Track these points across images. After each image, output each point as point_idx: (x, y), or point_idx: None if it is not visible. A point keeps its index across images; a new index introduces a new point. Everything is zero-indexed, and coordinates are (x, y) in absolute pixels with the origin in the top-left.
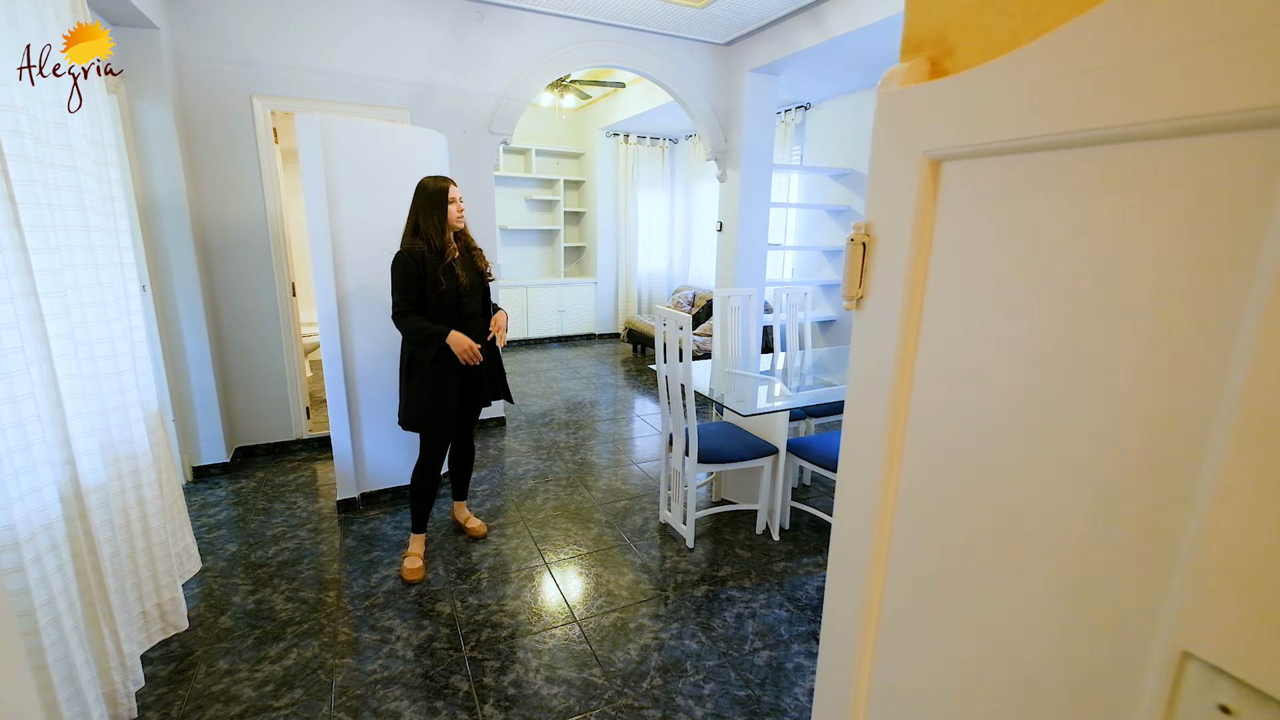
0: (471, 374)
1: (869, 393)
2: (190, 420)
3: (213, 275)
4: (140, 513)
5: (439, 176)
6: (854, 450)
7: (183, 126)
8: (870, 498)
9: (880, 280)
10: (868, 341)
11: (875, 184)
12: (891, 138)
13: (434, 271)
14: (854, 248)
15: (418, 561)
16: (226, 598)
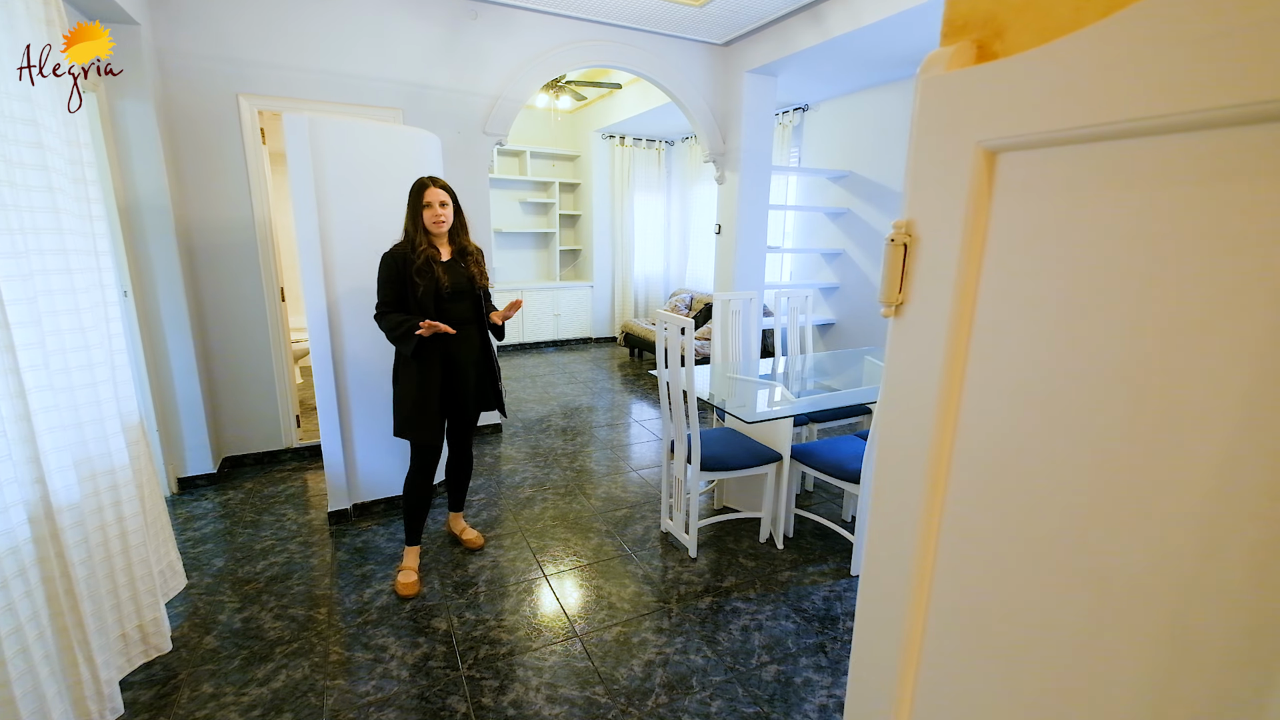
0: (457, 380)
1: (909, 409)
2: (175, 430)
3: (198, 280)
4: (119, 530)
5: (427, 176)
6: (891, 471)
7: (166, 126)
8: (909, 523)
9: (924, 285)
10: (908, 352)
11: (917, 178)
12: (937, 127)
13: (410, 273)
14: (894, 249)
15: (411, 575)
16: (212, 616)
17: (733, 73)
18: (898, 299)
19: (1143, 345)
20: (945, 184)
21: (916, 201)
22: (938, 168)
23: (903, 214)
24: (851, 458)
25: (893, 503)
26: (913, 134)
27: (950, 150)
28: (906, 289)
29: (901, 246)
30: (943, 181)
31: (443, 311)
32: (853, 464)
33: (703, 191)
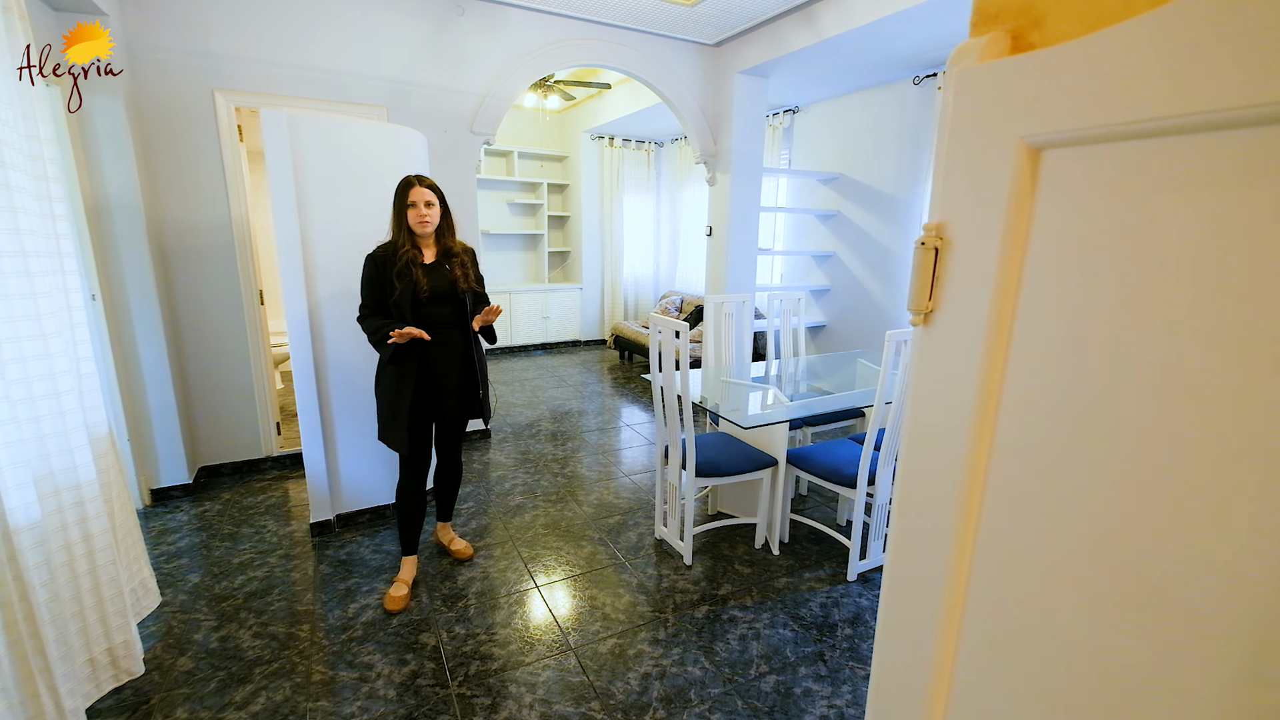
0: (436, 387)
1: (940, 424)
2: (147, 440)
3: (172, 283)
4: (86, 549)
5: (415, 175)
6: (919, 487)
7: (136, 122)
8: (940, 544)
9: (958, 291)
10: (939, 362)
11: (949, 177)
12: (973, 122)
13: (390, 274)
14: (924, 253)
15: (402, 589)
16: (187, 636)
17: (724, 73)
18: (927, 306)
19: (1207, 357)
20: (982, 183)
21: (948, 202)
22: (974, 166)
23: (932, 215)
24: (848, 462)
25: (921, 522)
26: (943, 130)
27: (989, 147)
28: (937, 296)
29: (933, 250)
30: (979, 181)
31: (421, 316)
32: (849, 468)
33: (692, 193)
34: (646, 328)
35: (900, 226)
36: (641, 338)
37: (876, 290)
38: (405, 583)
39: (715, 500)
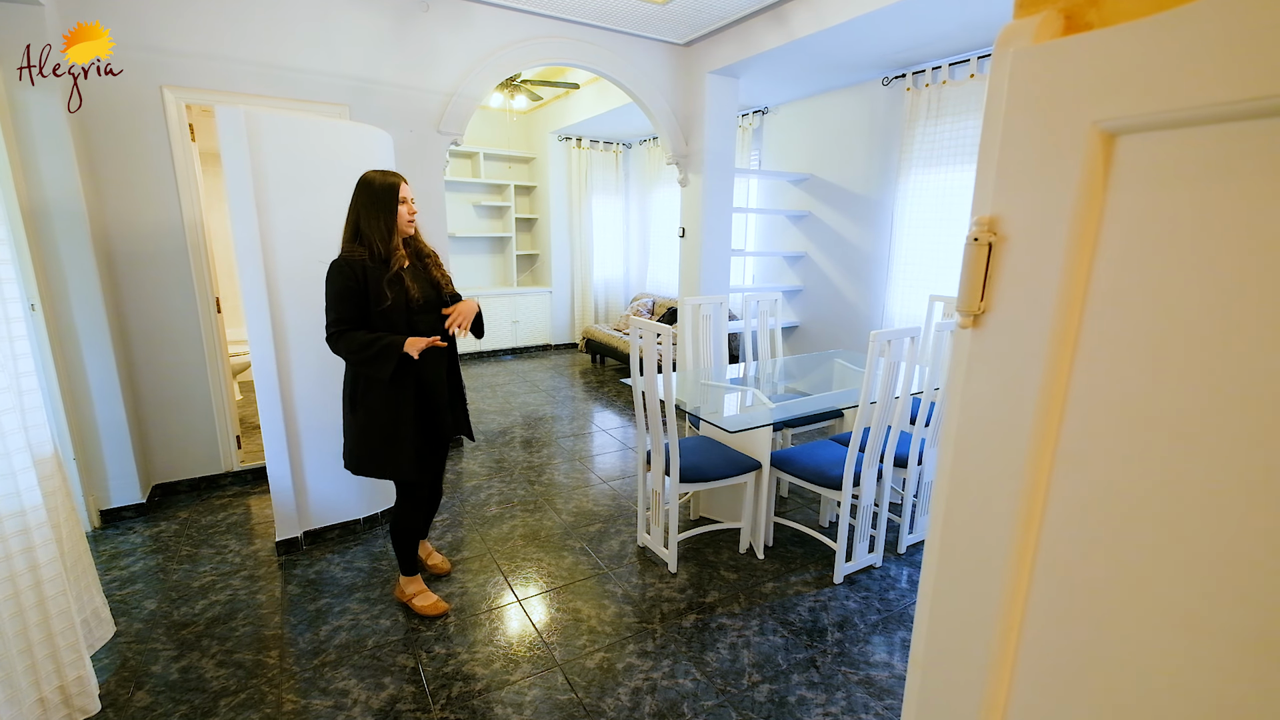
0: (431, 403)
1: (993, 435)
2: (96, 458)
3: (120, 291)
4: (33, 580)
5: (386, 171)
6: (968, 507)
7: (78, 120)
8: (992, 570)
9: (1016, 291)
10: (992, 370)
11: (1005, 166)
12: (1035, 107)
13: (377, 284)
14: (976, 250)
15: (430, 596)
16: (145, 668)
17: (694, 74)
18: (978, 307)
19: None
20: (1047, 172)
21: (1004, 194)
22: (1036, 154)
23: (979, 208)
24: (832, 463)
25: (969, 540)
26: (995, 116)
27: (1055, 133)
28: (990, 296)
29: (985, 247)
30: (1043, 170)
31: (412, 326)
32: (834, 470)
33: (662, 195)
34: (619, 330)
35: (871, 226)
36: (614, 340)
37: (849, 290)
38: (426, 591)
39: (697, 505)
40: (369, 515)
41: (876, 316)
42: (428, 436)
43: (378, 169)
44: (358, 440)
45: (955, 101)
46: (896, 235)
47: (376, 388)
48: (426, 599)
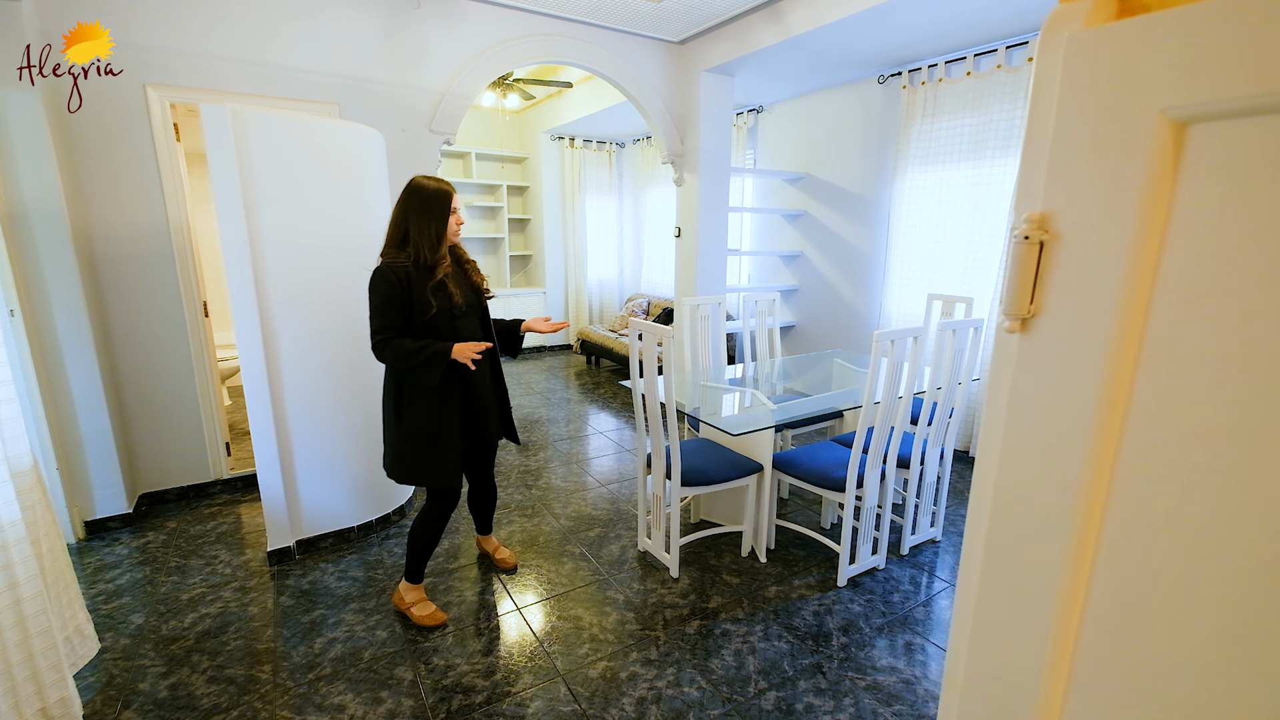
0: (478, 408)
1: (1047, 445)
2: (80, 467)
3: (103, 295)
4: (12, 599)
5: (438, 178)
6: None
7: (57, 120)
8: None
9: (1071, 292)
10: (1044, 378)
11: (1059, 160)
12: (1093, 94)
13: (422, 291)
14: (1027, 248)
15: (430, 606)
16: (132, 685)
17: (689, 72)
18: (1028, 310)
19: None
20: (1108, 165)
21: (1057, 189)
22: (1095, 145)
23: (1026, 204)
24: (835, 465)
25: (1016, 562)
26: (1045, 105)
27: (1117, 123)
28: (1042, 298)
29: (1037, 245)
30: (1104, 162)
31: (456, 332)
32: (837, 472)
33: (656, 194)
34: (614, 331)
35: (868, 225)
36: (609, 342)
37: (846, 290)
38: (427, 600)
39: (698, 509)
40: (363, 523)
41: (874, 316)
42: (474, 441)
43: (428, 175)
44: (404, 448)
45: (952, 100)
46: (893, 234)
47: (423, 394)
48: (425, 609)
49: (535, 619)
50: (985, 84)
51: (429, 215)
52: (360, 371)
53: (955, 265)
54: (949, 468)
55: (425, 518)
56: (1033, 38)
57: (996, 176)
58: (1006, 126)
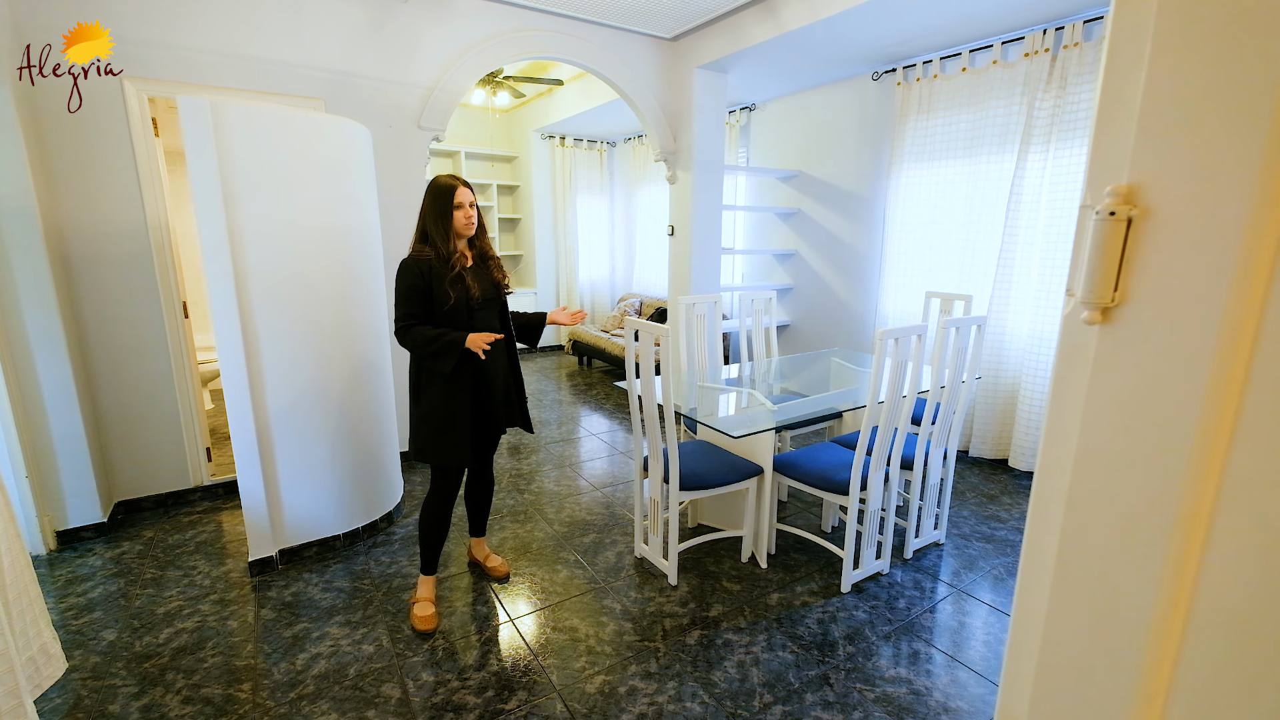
0: (487, 395)
1: (1136, 457)
2: (51, 475)
3: (77, 297)
4: None
5: (451, 175)
6: (1096, 541)
7: (28, 114)
8: (1134, 612)
9: (1169, 278)
10: (1133, 377)
11: (1151, 122)
12: (1199, 44)
13: (441, 283)
14: (1110, 226)
15: (429, 608)
16: (101, 707)
17: (682, 69)
18: (1111, 299)
19: None
20: (1218, 126)
21: (1149, 156)
22: (1200, 103)
23: (1106, 174)
24: (838, 467)
25: (1094, 587)
26: (1129, 61)
27: (1232, 77)
28: (1128, 284)
29: (1124, 223)
30: (1212, 123)
31: (473, 323)
32: (840, 474)
33: (648, 193)
34: (606, 332)
35: (863, 223)
36: (601, 342)
37: (841, 288)
38: (430, 601)
39: (695, 513)
40: (349, 531)
41: (870, 314)
42: (482, 426)
43: (447, 173)
44: (418, 427)
45: (947, 95)
46: (889, 231)
47: (437, 379)
48: (425, 609)
49: (529, 630)
50: (981, 80)
51: (437, 211)
52: (346, 373)
53: (952, 262)
54: (952, 469)
55: (430, 501)
56: (1029, 33)
57: (993, 173)
58: (1003, 122)
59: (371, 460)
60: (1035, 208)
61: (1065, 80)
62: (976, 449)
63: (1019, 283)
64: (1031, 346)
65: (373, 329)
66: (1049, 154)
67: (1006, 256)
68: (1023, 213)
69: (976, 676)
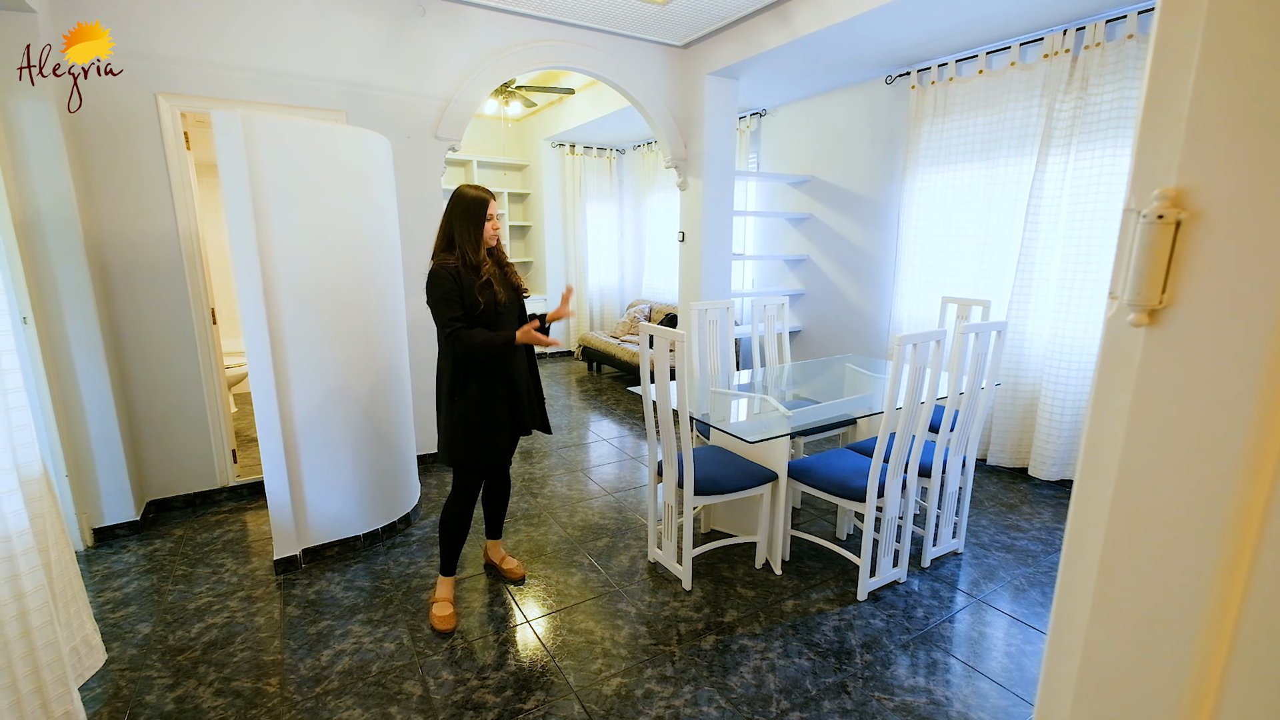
0: (514, 398)
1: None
2: (89, 474)
3: (114, 302)
4: (17, 610)
5: (477, 186)
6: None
7: (71, 129)
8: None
9: (1217, 281)
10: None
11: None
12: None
13: (471, 290)
14: (1158, 230)
15: (448, 608)
16: (139, 697)
17: (693, 76)
18: (1158, 301)
19: None
20: (1274, 126)
21: (1199, 158)
22: (1255, 104)
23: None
24: (854, 474)
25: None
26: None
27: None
28: (1176, 287)
29: (1172, 226)
30: (1269, 123)
31: (499, 325)
32: (857, 481)
33: (657, 200)
34: (615, 338)
35: (876, 228)
36: (611, 348)
37: (854, 294)
38: (449, 601)
39: (709, 518)
40: (369, 531)
41: (883, 320)
42: (510, 428)
43: (471, 184)
44: (455, 430)
45: (963, 98)
46: (903, 236)
47: (475, 380)
48: (444, 609)
49: (546, 632)
50: (998, 82)
51: (468, 221)
52: (368, 378)
53: (969, 267)
54: (970, 476)
55: (452, 502)
56: (1049, 34)
57: (1012, 176)
58: (1021, 125)
59: (392, 463)
60: (1056, 211)
61: (1087, 81)
62: (995, 457)
63: (1039, 287)
64: (1052, 352)
65: (393, 335)
66: (1070, 156)
67: (1026, 261)
68: (1043, 216)
69: (998, 687)
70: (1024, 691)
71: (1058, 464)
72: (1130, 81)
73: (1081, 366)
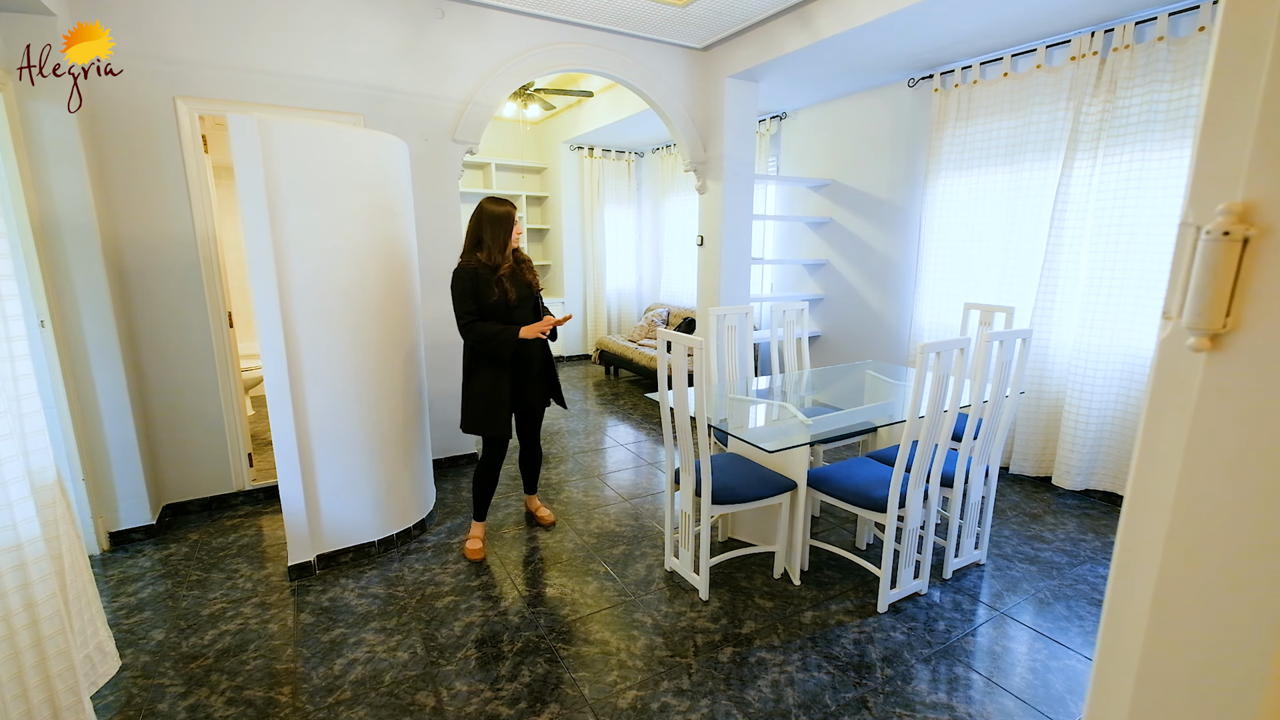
0: (525, 378)
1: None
2: (105, 478)
3: (131, 306)
4: (28, 619)
5: (503, 200)
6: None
7: (90, 132)
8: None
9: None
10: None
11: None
12: None
13: (488, 285)
14: (1225, 246)
15: (478, 544)
16: (151, 706)
17: (713, 78)
18: (1222, 325)
19: None
20: None
21: (1269, 172)
22: None
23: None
24: (875, 483)
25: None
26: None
27: None
28: (1242, 309)
29: (1239, 243)
30: None
31: (510, 317)
32: (878, 491)
33: (676, 203)
34: (633, 341)
35: (898, 232)
36: (628, 352)
37: (874, 299)
38: (480, 538)
39: (726, 527)
40: (384, 537)
41: (904, 326)
42: (521, 405)
43: (493, 198)
44: (468, 405)
45: (987, 102)
46: (925, 241)
47: (485, 364)
48: (475, 544)
49: (561, 641)
50: (1024, 85)
51: (498, 228)
52: (383, 383)
53: (992, 273)
54: (994, 487)
55: (482, 465)
56: (1076, 36)
57: (1037, 180)
58: (1047, 128)
59: (406, 469)
60: (1082, 217)
61: (1115, 84)
62: (1018, 466)
63: (1064, 294)
64: (1077, 360)
65: (409, 339)
66: (1097, 161)
67: (1050, 267)
68: (1068, 222)
69: (1022, 704)
70: (1048, 708)
71: (1082, 473)
72: (1160, 85)
73: (1108, 375)
